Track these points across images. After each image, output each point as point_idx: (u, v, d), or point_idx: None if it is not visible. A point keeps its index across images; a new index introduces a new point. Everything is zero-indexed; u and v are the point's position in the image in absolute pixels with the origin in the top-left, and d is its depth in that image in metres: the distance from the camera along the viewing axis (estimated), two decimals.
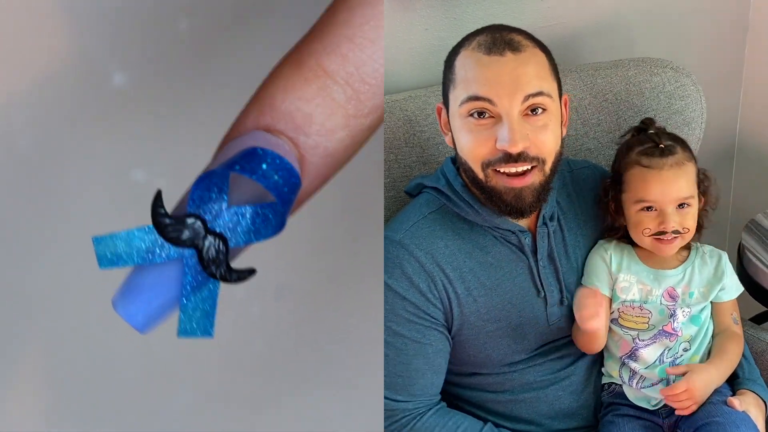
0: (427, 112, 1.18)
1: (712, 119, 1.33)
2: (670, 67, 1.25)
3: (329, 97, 0.53)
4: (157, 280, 0.51)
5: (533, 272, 1.03)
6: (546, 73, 0.97)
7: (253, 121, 0.53)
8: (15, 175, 0.77)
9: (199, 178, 0.51)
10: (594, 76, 1.24)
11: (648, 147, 1.03)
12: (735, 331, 1.08)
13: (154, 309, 0.52)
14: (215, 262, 0.51)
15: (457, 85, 0.96)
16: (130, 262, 0.50)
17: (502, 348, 1.04)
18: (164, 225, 0.49)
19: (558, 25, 1.37)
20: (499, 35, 0.95)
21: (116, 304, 0.52)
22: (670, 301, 1.05)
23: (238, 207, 0.51)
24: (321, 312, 0.81)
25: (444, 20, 1.28)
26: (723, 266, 1.07)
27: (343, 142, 0.55)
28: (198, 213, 0.50)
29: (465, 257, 1.00)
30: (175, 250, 0.50)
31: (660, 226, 1.01)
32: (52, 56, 0.76)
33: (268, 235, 0.52)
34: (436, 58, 1.30)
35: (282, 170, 0.51)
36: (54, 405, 0.80)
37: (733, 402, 1.00)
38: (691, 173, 1.03)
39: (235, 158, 0.51)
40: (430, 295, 0.99)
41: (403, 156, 1.14)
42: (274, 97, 0.53)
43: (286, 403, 0.82)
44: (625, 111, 1.22)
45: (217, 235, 0.50)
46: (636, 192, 1.02)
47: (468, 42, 0.97)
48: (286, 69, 0.53)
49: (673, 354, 1.04)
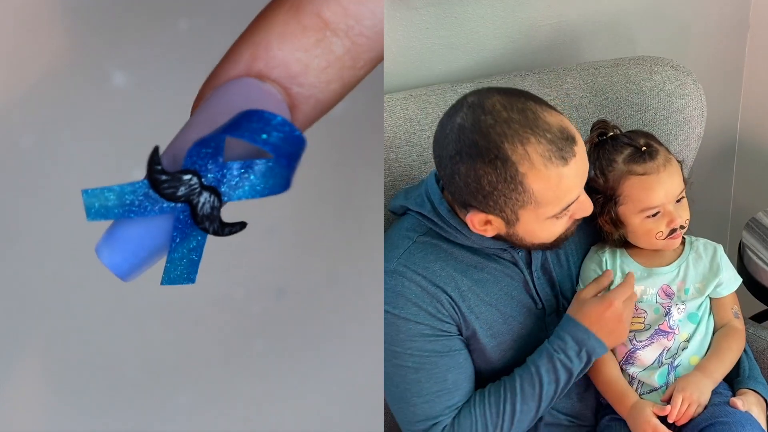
0: (428, 111, 1.17)
1: (713, 117, 1.33)
2: (671, 65, 1.24)
3: (328, 49, 0.51)
4: (145, 232, 0.49)
5: (528, 285, 1.03)
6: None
7: (245, 66, 0.51)
8: (15, 175, 0.77)
9: (199, 141, 0.49)
10: (594, 75, 1.24)
11: (630, 153, 1.01)
12: (735, 326, 1.07)
13: (140, 259, 0.50)
14: (209, 218, 0.50)
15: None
16: (121, 216, 0.48)
17: (506, 360, 1.04)
18: (160, 181, 0.48)
19: (558, 24, 1.37)
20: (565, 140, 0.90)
21: (100, 253, 0.50)
22: (665, 299, 1.04)
23: (239, 163, 0.49)
24: (321, 312, 0.81)
25: (445, 19, 1.28)
26: (718, 260, 1.06)
27: (336, 93, 0.53)
28: (195, 168, 0.49)
29: (461, 277, 1.00)
30: (168, 205, 0.49)
31: (669, 225, 1.01)
32: (52, 56, 0.76)
33: (271, 193, 0.50)
34: (437, 57, 1.31)
35: (289, 136, 0.49)
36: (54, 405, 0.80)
37: (736, 403, 1.00)
38: (678, 166, 1.03)
39: (235, 120, 0.48)
40: (439, 315, 0.99)
41: (403, 155, 1.14)
42: (269, 42, 0.51)
43: (286, 403, 0.82)
44: (626, 109, 1.22)
45: (211, 190, 0.49)
46: (639, 202, 1.01)
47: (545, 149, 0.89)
48: (283, 14, 0.51)
49: (671, 354, 1.04)
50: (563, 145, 0.88)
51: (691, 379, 1.01)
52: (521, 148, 0.87)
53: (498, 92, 0.90)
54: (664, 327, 1.04)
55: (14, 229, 0.77)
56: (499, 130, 0.87)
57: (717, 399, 1.01)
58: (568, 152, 0.88)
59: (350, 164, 0.80)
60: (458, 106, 0.92)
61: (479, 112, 0.88)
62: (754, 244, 1.40)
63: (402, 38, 1.26)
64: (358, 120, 0.80)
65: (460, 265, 1.00)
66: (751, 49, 1.59)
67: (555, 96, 1.22)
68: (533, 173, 0.88)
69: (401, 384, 1.00)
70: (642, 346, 1.04)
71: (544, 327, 1.05)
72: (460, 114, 0.90)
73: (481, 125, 0.88)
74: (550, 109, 0.90)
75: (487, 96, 0.90)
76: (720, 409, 1.00)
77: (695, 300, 1.04)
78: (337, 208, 0.80)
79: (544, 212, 0.91)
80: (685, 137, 1.25)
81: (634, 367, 1.04)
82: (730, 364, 1.05)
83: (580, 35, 1.40)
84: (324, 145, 0.80)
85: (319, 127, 0.80)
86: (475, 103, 0.89)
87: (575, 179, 0.90)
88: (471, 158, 0.88)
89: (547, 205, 0.90)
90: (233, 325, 0.81)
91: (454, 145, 0.90)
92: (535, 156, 0.87)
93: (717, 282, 1.05)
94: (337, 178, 0.80)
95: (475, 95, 0.91)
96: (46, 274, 0.77)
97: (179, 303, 0.80)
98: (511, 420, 1.00)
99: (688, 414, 0.99)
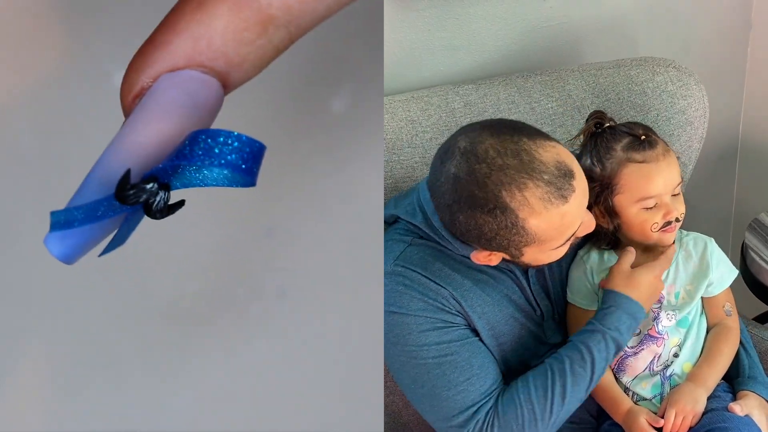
0: (430, 113, 1.17)
1: (715, 118, 1.32)
2: (673, 66, 1.24)
3: (268, 40, 0.52)
4: (97, 228, 0.51)
5: (526, 292, 1.02)
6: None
7: (185, 59, 0.51)
8: (15, 175, 0.77)
9: (154, 170, 0.49)
10: (596, 76, 1.24)
11: (629, 141, 0.99)
12: (727, 324, 1.05)
13: (87, 248, 0.52)
14: (161, 211, 0.50)
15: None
16: (82, 224, 0.50)
17: (506, 363, 1.03)
18: (127, 196, 0.49)
19: (560, 25, 1.37)
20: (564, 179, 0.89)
21: (50, 245, 0.51)
22: (655, 303, 1.02)
23: (197, 170, 0.49)
24: (321, 312, 0.81)
25: (446, 20, 1.28)
26: (708, 257, 1.04)
27: (265, 66, 0.54)
28: (155, 175, 0.49)
29: (462, 277, 0.99)
30: (127, 209, 0.50)
31: (665, 217, 0.99)
32: (52, 56, 0.76)
33: (234, 186, 0.51)
34: (439, 59, 1.31)
35: (243, 148, 0.49)
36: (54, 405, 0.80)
37: (734, 408, 0.99)
38: (676, 158, 1.01)
39: (185, 147, 0.49)
40: (446, 308, 0.98)
41: (405, 157, 1.14)
42: (212, 38, 0.51)
43: (286, 403, 0.81)
44: (628, 110, 1.22)
45: (166, 187, 0.50)
46: (638, 190, 0.98)
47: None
48: (226, 10, 0.51)
49: (663, 361, 1.02)
50: (562, 184, 0.86)
51: (684, 390, 1.00)
52: (519, 195, 0.85)
53: (490, 134, 0.88)
54: (652, 332, 1.02)
55: (14, 229, 0.77)
56: (495, 179, 0.85)
57: (716, 403, 1.00)
58: (567, 189, 0.86)
59: (350, 164, 0.80)
60: (450, 152, 0.89)
61: (473, 161, 0.86)
62: (757, 245, 1.40)
63: (404, 40, 1.26)
64: (358, 120, 0.80)
65: (459, 266, 0.99)
66: (754, 49, 1.59)
67: (557, 97, 1.22)
68: (534, 217, 0.86)
69: (427, 382, 0.98)
70: (633, 352, 1.03)
71: (542, 333, 1.04)
72: (453, 162, 0.88)
73: (477, 175, 0.86)
74: (544, 142, 0.87)
75: (479, 140, 0.87)
76: (718, 415, 0.99)
77: (685, 306, 1.03)
78: (337, 208, 0.80)
79: (548, 246, 0.91)
80: (687, 138, 1.24)
81: (627, 376, 1.03)
82: (722, 369, 1.03)
83: (581, 36, 1.40)
84: (324, 145, 0.80)
85: (319, 127, 0.80)
86: (468, 150, 0.87)
87: (577, 211, 0.89)
88: (470, 208, 0.87)
89: (551, 240, 0.90)
90: (233, 325, 0.81)
91: (450, 195, 0.88)
92: (534, 200, 0.85)
93: (707, 282, 1.03)
94: (337, 178, 0.80)
95: (466, 139, 0.88)
96: (46, 274, 0.77)
97: (179, 303, 0.80)
98: (561, 402, 0.96)
99: (684, 427, 0.98)
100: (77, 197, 0.51)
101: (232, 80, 0.53)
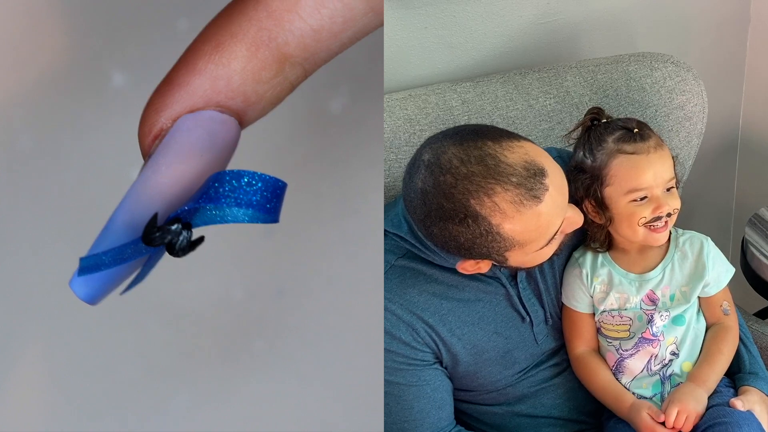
0: (427, 111, 1.17)
1: (714, 114, 1.32)
2: (671, 61, 1.24)
3: (284, 78, 0.53)
4: (121, 269, 0.52)
5: (513, 300, 1.01)
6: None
7: (203, 99, 0.52)
8: (15, 175, 0.77)
9: (178, 212, 0.50)
10: (594, 72, 1.24)
11: (621, 134, 0.98)
12: (726, 324, 1.04)
13: (111, 288, 0.53)
14: (183, 250, 0.51)
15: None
16: (110, 267, 0.51)
17: (495, 374, 1.03)
18: (154, 239, 0.50)
19: (558, 21, 1.37)
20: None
21: (76, 288, 0.52)
22: (650, 305, 1.02)
23: (218, 209, 0.50)
24: (320, 312, 0.81)
25: (443, 18, 1.28)
26: (705, 258, 1.02)
27: (280, 101, 0.55)
28: (180, 216, 0.50)
29: (441, 300, 0.98)
30: (152, 250, 0.50)
31: (655, 212, 0.97)
32: (51, 56, 0.76)
33: (255, 222, 0.51)
34: (436, 57, 1.31)
35: (264, 187, 0.50)
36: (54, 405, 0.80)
37: (736, 404, 0.99)
38: (670, 153, 1.00)
39: (208, 188, 0.50)
40: (414, 343, 0.98)
41: (403, 156, 1.14)
42: (231, 77, 0.52)
43: (285, 403, 0.82)
44: (626, 106, 1.22)
45: (188, 226, 0.50)
46: (627, 182, 0.97)
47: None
48: (244, 50, 0.52)
49: (660, 361, 1.02)
50: (532, 184, 0.84)
51: (686, 390, 1.00)
52: (489, 201, 0.84)
53: (452, 142, 0.86)
54: (647, 335, 1.02)
55: (14, 229, 0.78)
56: (461, 189, 0.84)
57: (717, 399, 1.00)
58: (539, 189, 0.84)
59: (350, 164, 0.80)
60: (416, 165, 0.88)
61: (437, 173, 0.85)
62: (758, 241, 1.40)
63: (401, 38, 1.26)
64: (358, 120, 0.80)
65: (440, 288, 0.99)
66: (752, 43, 1.59)
67: (555, 94, 1.22)
68: (508, 222, 0.85)
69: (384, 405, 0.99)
70: (629, 354, 1.03)
71: (533, 339, 1.04)
72: (419, 176, 0.87)
73: (443, 187, 0.84)
74: (510, 143, 0.85)
75: (442, 150, 0.86)
76: (720, 410, 0.99)
77: (680, 306, 1.02)
78: (337, 208, 0.80)
79: (531, 248, 0.89)
80: (686, 134, 1.24)
81: (625, 377, 1.03)
82: (722, 369, 1.03)
83: (579, 32, 1.40)
84: (324, 145, 0.80)
85: (319, 127, 0.80)
86: (432, 162, 0.86)
87: (554, 209, 0.87)
88: (441, 220, 0.86)
89: (532, 242, 0.88)
90: (233, 325, 0.81)
91: (421, 209, 0.87)
92: (505, 205, 0.84)
93: (703, 283, 1.02)
94: (337, 178, 0.80)
95: (430, 151, 0.87)
96: (45, 274, 0.77)
97: (179, 303, 0.80)
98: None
99: (687, 426, 0.98)
100: (102, 240, 0.51)
101: (248, 118, 0.54)
